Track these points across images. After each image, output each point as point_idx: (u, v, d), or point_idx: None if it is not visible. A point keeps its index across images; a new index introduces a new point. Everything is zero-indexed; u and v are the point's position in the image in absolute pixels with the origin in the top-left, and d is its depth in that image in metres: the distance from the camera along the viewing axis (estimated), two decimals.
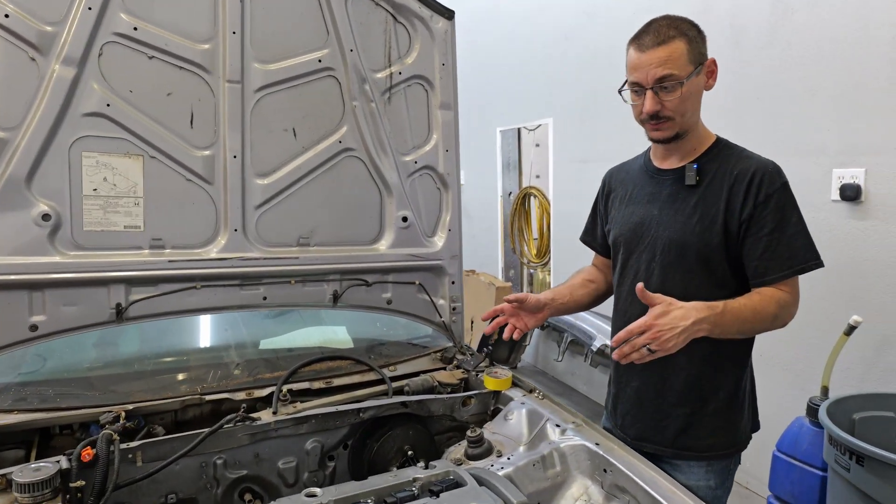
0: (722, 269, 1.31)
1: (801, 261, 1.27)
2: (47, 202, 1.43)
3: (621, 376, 1.48)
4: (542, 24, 4.31)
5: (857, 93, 2.29)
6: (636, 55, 1.28)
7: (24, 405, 1.37)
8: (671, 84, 1.25)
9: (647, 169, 1.44)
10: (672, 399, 1.38)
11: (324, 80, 1.68)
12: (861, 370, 2.32)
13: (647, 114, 1.29)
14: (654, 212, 1.38)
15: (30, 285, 1.43)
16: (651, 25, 1.29)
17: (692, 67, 1.27)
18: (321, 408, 1.47)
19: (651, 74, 1.25)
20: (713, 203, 1.30)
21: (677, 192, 1.35)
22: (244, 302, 1.64)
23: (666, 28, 1.26)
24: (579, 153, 3.98)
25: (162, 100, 1.52)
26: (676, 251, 1.32)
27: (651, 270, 1.37)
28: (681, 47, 1.25)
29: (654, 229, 1.37)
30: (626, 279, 1.44)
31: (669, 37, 1.25)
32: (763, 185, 1.26)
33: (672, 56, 1.24)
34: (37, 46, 1.39)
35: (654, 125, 1.31)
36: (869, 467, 1.57)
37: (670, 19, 1.29)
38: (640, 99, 1.30)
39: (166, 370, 1.61)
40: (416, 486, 1.16)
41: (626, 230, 1.43)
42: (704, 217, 1.30)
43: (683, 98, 1.27)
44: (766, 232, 1.26)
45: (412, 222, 1.83)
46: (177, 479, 1.32)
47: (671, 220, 1.34)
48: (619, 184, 1.52)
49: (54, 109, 1.42)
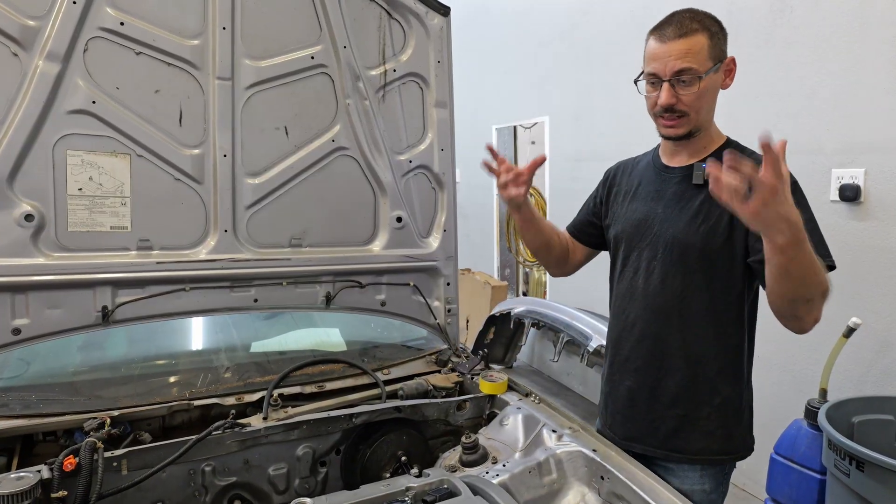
0: (724, 271, 1.28)
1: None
2: (30, 202, 1.39)
3: (614, 375, 1.45)
4: (537, 21, 4.28)
5: (857, 92, 2.27)
6: (656, 45, 1.25)
7: (6, 411, 1.34)
8: (689, 78, 1.22)
9: (655, 165, 1.41)
10: (665, 400, 1.35)
11: (316, 77, 1.65)
12: (860, 373, 2.30)
13: (662, 106, 1.25)
14: (659, 209, 1.35)
15: (12, 287, 1.39)
16: (674, 17, 1.26)
17: (711, 63, 1.24)
18: (313, 413, 1.44)
19: (670, 66, 1.22)
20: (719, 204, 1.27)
21: (684, 191, 1.32)
22: (235, 304, 1.61)
23: (689, 21, 1.24)
24: (574, 151, 3.96)
25: (149, 97, 1.48)
26: (679, 250, 1.30)
27: (652, 268, 1.34)
28: (702, 41, 1.22)
29: (657, 227, 1.34)
30: (626, 276, 1.41)
31: (692, 30, 1.22)
32: None
33: (693, 49, 1.21)
34: (19, 41, 1.35)
35: (667, 120, 1.28)
36: (869, 473, 1.55)
37: (694, 12, 1.26)
38: (655, 91, 1.26)
39: (154, 374, 1.57)
40: (409, 496, 1.13)
41: (629, 226, 1.40)
42: (709, 217, 1.27)
43: (700, 94, 1.24)
44: None
45: (406, 223, 1.79)
46: (164, 487, 1.29)
47: (675, 218, 1.31)
48: (625, 178, 1.48)
49: (38, 106, 1.37)
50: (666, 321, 1.32)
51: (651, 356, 1.35)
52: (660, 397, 1.36)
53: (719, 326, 1.30)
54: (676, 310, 1.31)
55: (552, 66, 4.13)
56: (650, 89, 1.29)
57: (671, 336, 1.32)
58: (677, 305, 1.31)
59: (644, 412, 1.38)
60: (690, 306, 1.30)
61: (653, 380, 1.36)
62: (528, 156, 4.98)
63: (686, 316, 1.31)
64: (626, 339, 1.39)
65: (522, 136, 5.01)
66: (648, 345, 1.35)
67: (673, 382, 1.33)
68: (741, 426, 1.36)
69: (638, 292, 1.36)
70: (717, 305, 1.30)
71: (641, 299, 1.36)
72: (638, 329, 1.37)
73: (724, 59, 1.28)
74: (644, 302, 1.35)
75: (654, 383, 1.35)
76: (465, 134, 5.18)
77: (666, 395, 1.35)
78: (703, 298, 1.29)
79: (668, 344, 1.33)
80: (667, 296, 1.32)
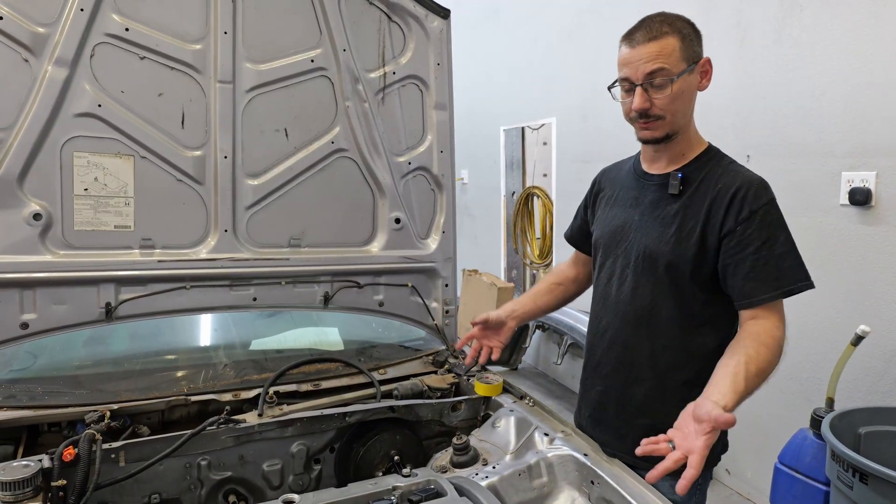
0: (690, 284, 1.26)
1: (791, 281, 1.19)
2: (39, 202, 1.44)
3: (587, 379, 1.46)
4: (545, 22, 4.27)
5: (868, 93, 2.22)
6: (627, 51, 1.25)
7: (14, 402, 1.38)
8: (661, 81, 1.21)
9: (636, 171, 1.41)
10: (633, 409, 1.34)
11: (316, 80, 1.67)
12: (869, 382, 2.25)
13: (636, 111, 1.25)
14: (636, 217, 1.35)
15: (21, 284, 1.44)
16: (644, 21, 1.25)
17: (685, 65, 1.22)
18: (307, 411, 1.46)
19: (641, 70, 1.22)
20: (693, 215, 1.26)
21: (660, 199, 1.32)
22: (234, 303, 1.64)
23: (659, 24, 1.23)
24: (581, 153, 3.94)
25: (153, 100, 1.52)
26: (649, 259, 1.29)
27: (625, 276, 1.34)
28: (673, 43, 1.21)
29: (631, 234, 1.34)
30: (601, 282, 1.41)
31: (662, 32, 1.22)
32: (747, 200, 1.20)
33: (663, 52, 1.21)
34: (29, 47, 1.40)
35: (643, 124, 1.27)
36: (873, 486, 1.52)
37: (664, 16, 1.25)
38: (629, 97, 1.26)
39: (154, 370, 1.61)
40: (395, 495, 1.15)
41: (606, 232, 1.40)
42: (682, 228, 1.26)
43: (674, 96, 1.23)
44: (752, 251, 1.19)
45: (405, 224, 1.81)
46: (161, 480, 1.32)
47: (649, 227, 1.31)
48: (609, 184, 1.49)
49: (46, 110, 1.42)
50: (635, 330, 1.32)
51: (619, 363, 1.35)
52: (627, 405, 1.35)
53: (687, 336, 1.28)
54: (646, 319, 1.30)
55: (560, 67, 4.11)
56: (624, 95, 1.28)
57: (640, 345, 1.32)
58: (646, 315, 1.30)
59: (612, 417, 1.37)
60: (659, 315, 1.29)
61: (621, 387, 1.35)
62: (535, 157, 4.96)
63: (654, 325, 1.30)
64: (598, 345, 1.39)
65: (530, 137, 4.99)
66: (617, 352, 1.35)
67: (640, 391, 1.32)
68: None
69: (611, 299, 1.36)
70: (686, 316, 1.28)
71: (613, 306, 1.35)
72: (609, 336, 1.36)
73: (699, 60, 1.26)
74: (615, 309, 1.35)
75: (622, 390, 1.35)
76: (472, 135, 5.21)
77: (633, 403, 1.34)
78: (672, 309, 1.28)
79: (637, 353, 1.32)
80: (636, 304, 1.31)
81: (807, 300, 1.28)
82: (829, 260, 2.32)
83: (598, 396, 1.39)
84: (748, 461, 2.74)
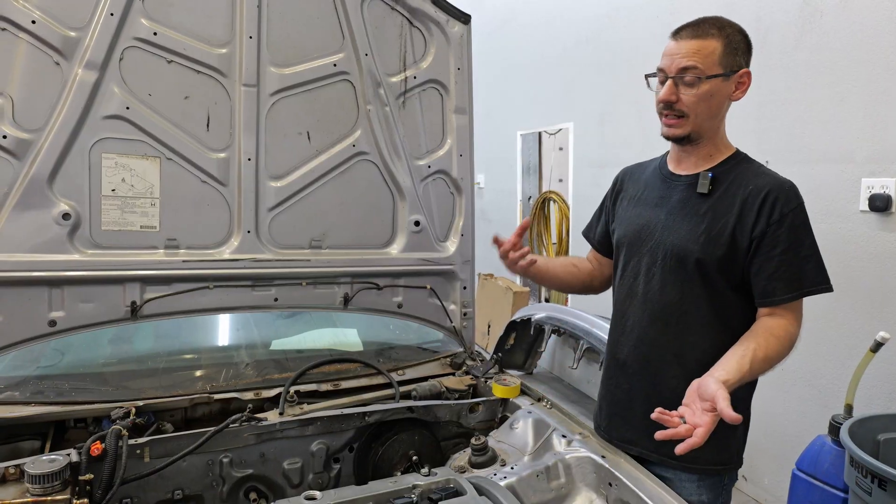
0: (721, 282, 1.28)
1: (810, 283, 1.23)
2: (68, 202, 1.48)
3: (610, 378, 1.45)
4: (562, 27, 4.28)
5: (888, 99, 2.20)
6: (671, 43, 1.28)
7: (41, 398, 1.42)
8: (692, 79, 1.23)
9: (662, 172, 1.42)
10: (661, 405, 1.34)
11: (338, 83, 1.70)
12: (888, 389, 2.22)
13: (661, 101, 1.27)
14: (662, 216, 1.35)
15: (49, 282, 1.47)
16: (698, 20, 1.28)
17: (720, 70, 1.24)
18: (327, 410, 1.48)
19: (676, 64, 1.24)
20: (723, 215, 1.26)
21: (688, 199, 1.32)
22: (256, 303, 1.67)
23: (708, 25, 1.25)
24: (598, 158, 3.94)
25: (179, 103, 1.55)
26: (678, 258, 1.30)
27: (651, 275, 1.34)
28: (714, 46, 1.23)
29: (658, 233, 1.34)
30: (626, 280, 1.41)
31: (708, 34, 1.24)
32: (778, 203, 1.23)
33: (702, 51, 1.23)
34: (61, 51, 1.44)
35: (667, 119, 1.29)
36: (892, 492, 1.50)
37: (718, 20, 1.27)
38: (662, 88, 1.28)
39: (178, 368, 1.64)
40: (416, 494, 1.16)
41: (631, 231, 1.41)
42: (712, 228, 1.27)
43: (701, 96, 1.24)
44: (778, 252, 1.22)
45: (424, 227, 1.83)
46: (183, 476, 1.35)
47: (678, 226, 1.31)
48: (632, 183, 1.49)
49: (76, 112, 1.46)
50: (663, 327, 1.32)
51: (647, 361, 1.35)
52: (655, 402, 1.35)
53: (716, 335, 1.28)
54: (674, 317, 1.31)
55: (577, 72, 4.12)
56: (658, 86, 1.30)
57: (668, 342, 1.32)
58: (675, 312, 1.31)
59: (641, 415, 1.37)
60: (688, 314, 1.30)
61: (649, 384, 1.36)
62: (552, 162, 4.96)
63: (683, 323, 1.30)
64: (624, 343, 1.39)
65: (547, 142, 5.00)
66: (644, 349, 1.35)
67: (668, 388, 1.32)
68: (736, 437, 1.34)
69: (637, 297, 1.36)
70: (715, 314, 1.29)
71: (640, 304, 1.35)
72: (636, 334, 1.36)
73: (738, 70, 1.27)
74: (643, 307, 1.35)
75: (650, 388, 1.35)
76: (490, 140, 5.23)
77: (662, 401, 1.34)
78: (701, 307, 1.28)
79: (665, 350, 1.32)
80: (665, 302, 1.31)
81: (826, 306, 1.29)
82: (849, 266, 2.30)
83: (625, 395, 1.39)
84: (766, 467, 2.71)
